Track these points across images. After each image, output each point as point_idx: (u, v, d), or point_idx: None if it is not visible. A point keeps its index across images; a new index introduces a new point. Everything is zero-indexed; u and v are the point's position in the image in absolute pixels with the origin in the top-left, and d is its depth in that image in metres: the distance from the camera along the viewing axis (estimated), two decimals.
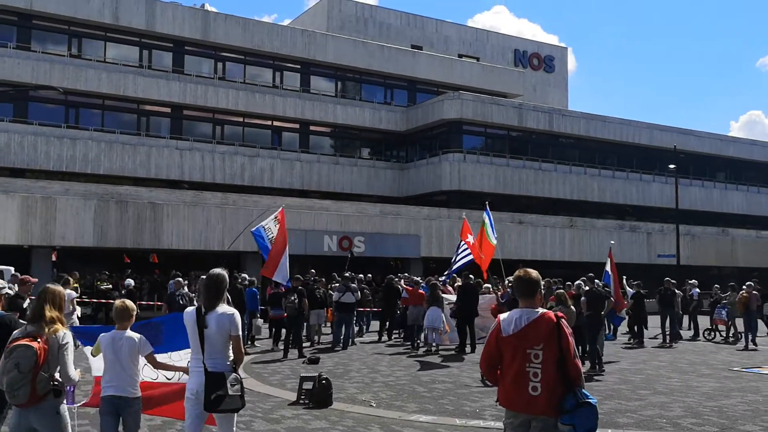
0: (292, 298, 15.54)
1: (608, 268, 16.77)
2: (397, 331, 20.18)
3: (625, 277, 20.12)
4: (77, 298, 15.98)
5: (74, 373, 5.04)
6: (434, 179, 38.40)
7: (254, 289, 18.79)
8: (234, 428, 5.53)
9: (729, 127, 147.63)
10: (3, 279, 18.04)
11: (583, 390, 4.72)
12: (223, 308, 5.45)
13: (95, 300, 23.64)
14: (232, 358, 5.44)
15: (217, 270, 5.63)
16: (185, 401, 5.48)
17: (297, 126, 38.51)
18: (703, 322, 22.42)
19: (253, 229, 13.91)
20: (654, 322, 21.09)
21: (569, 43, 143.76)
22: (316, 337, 18.46)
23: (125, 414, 5.67)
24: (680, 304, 20.90)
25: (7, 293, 6.10)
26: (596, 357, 13.76)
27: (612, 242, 21.06)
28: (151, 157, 33.49)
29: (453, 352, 16.36)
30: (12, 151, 30.57)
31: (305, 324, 17.54)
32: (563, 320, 4.80)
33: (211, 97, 35.22)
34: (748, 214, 48.30)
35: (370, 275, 25.23)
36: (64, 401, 5.08)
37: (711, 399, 10.53)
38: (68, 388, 5.19)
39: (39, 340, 4.81)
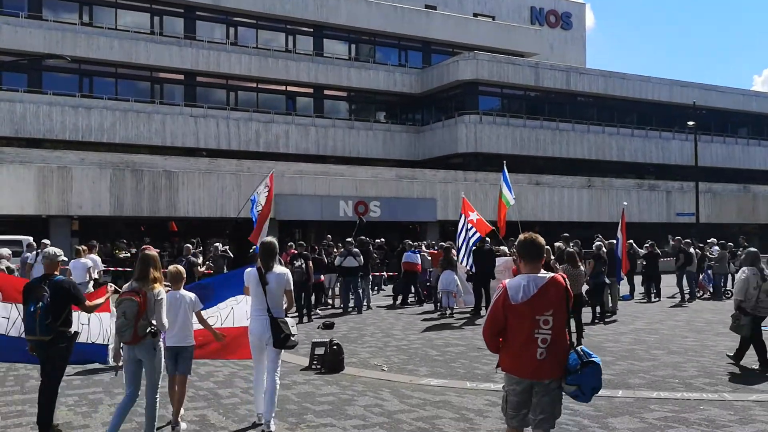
0: (297, 263, 15.70)
1: (619, 230, 16.56)
2: (412, 294, 20.23)
3: (631, 240, 19.95)
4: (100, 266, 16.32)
5: (165, 321, 6.35)
6: (450, 142, 38.11)
7: None
8: (280, 362, 6.94)
9: (752, 82, 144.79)
10: (23, 248, 18.30)
11: (584, 348, 4.74)
12: (279, 268, 6.87)
13: (113, 268, 23.84)
14: (285, 306, 6.89)
15: (270, 238, 7.23)
16: (250, 343, 6.88)
17: (311, 91, 38.27)
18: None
19: (251, 196, 13.82)
20: (670, 281, 20.99)
21: None
22: (330, 301, 18.74)
23: (181, 358, 6.88)
24: (698, 264, 20.70)
25: (63, 260, 7.01)
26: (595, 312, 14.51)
27: (625, 203, 20.79)
28: (166, 125, 33.52)
29: (468, 315, 16.35)
30: (28, 121, 30.73)
31: (323, 288, 18.02)
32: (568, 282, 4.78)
33: (223, 63, 35.04)
34: None
35: (383, 239, 25.19)
36: (160, 341, 6.31)
37: (725, 358, 10.42)
38: (161, 333, 6.36)
39: (140, 294, 6.09)
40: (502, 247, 18.24)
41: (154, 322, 6.14)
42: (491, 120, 38.33)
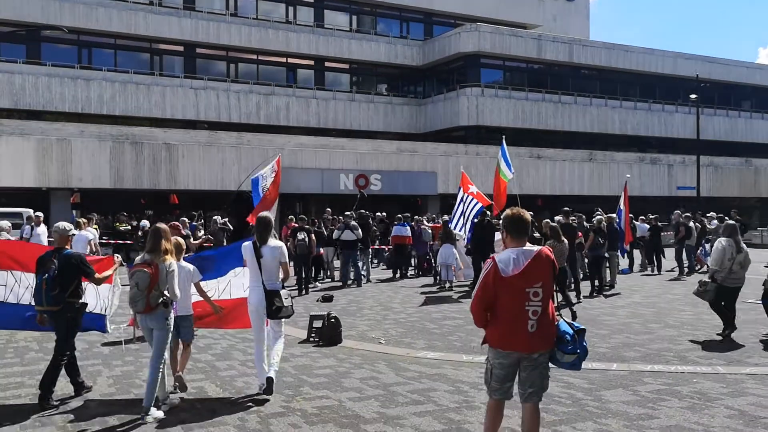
0: (301, 236, 15.76)
1: (621, 202, 16.56)
2: (413, 267, 20.34)
3: (631, 215, 19.95)
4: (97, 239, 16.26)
5: (177, 292, 6.54)
6: (452, 115, 37.94)
7: None
8: (283, 328, 7.42)
9: (757, 54, 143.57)
10: (23, 220, 18.35)
11: (567, 320, 4.90)
12: (273, 242, 7.16)
13: (113, 241, 23.92)
14: (282, 278, 7.21)
15: (265, 213, 7.71)
16: (249, 313, 7.20)
17: (312, 63, 38.04)
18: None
19: (254, 176, 13.59)
20: (668, 254, 21.06)
21: None
22: (329, 272, 18.91)
23: (182, 327, 7.13)
24: (697, 237, 20.70)
25: (73, 234, 7.32)
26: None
27: (627, 176, 20.79)
28: (166, 97, 33.37)
29: (467, 289, 16.41)
30: (27, 93, 30.62)
31: (321, 262, 18.29)
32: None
33: (223, 35, 34.80)
34: None
35: (384, 213, 25.21)
36: (171, 311, 6.57)
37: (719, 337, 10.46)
38: (174, 304, 6.65)
39: (152, 266, 6.36)
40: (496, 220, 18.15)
41: (166, 292, 6.40)
42: (493, 93, 38.13)
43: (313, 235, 16.35)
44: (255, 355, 7.22)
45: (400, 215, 20.43)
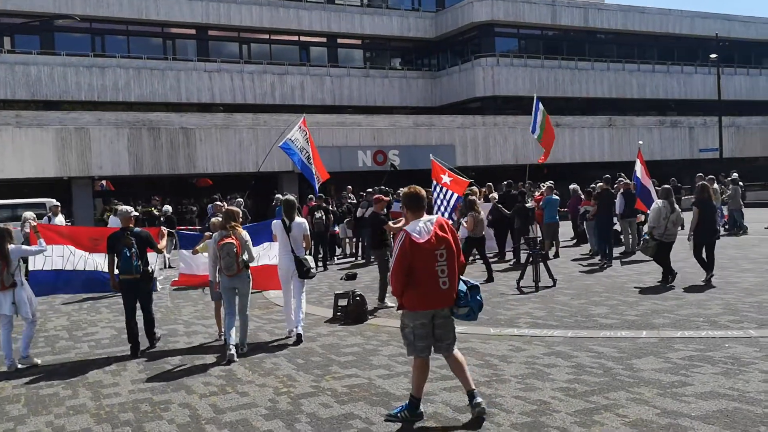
0: (318, 215, 15.88)
1: (637, 169, 16.19)
2: None
3: (654, 180, 19.68)
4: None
5: (254, 255, 8.43)
6: (467, 86, 37.60)
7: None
8: (305, 287, 9.08)
9: None
10: (46, 210, 18.51)
11: (464, 278, 5.62)
12: (298, 219, 8.95)
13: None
14: (305, 246, 8.89)
15: (290, 195, 9.56)
16: (279, 276, 9.00)
17: (324, 40, 37.81)
18: (749, 215, 22.11)
19: (281, 143, 13.19)
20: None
21: None
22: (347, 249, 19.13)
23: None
24: (719, 198, 20.40)
25: (134, 215, 9.05)
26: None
27: (640, 142, 20.38)
28: (181, 82, 33.38)
29: (494, 259, 16.31)
30: (43, 83, 30.75)
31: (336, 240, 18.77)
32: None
33: (234, 16, 34.64)
34: None
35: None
36: (249, 271, 8.26)
37: (750, 294, 10.33)
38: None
39: (233, 237, 7.98)
40: (492, 194, 17.90)
41: (245, 257, 8.06)
42: (508, 62, 37.69)
43: (330, 215, 16.57)
44: (284, 307, 9.12)
45: (398, 191, 20.42)
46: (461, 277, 5.55)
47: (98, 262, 9.33)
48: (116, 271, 8.27)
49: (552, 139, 19.01)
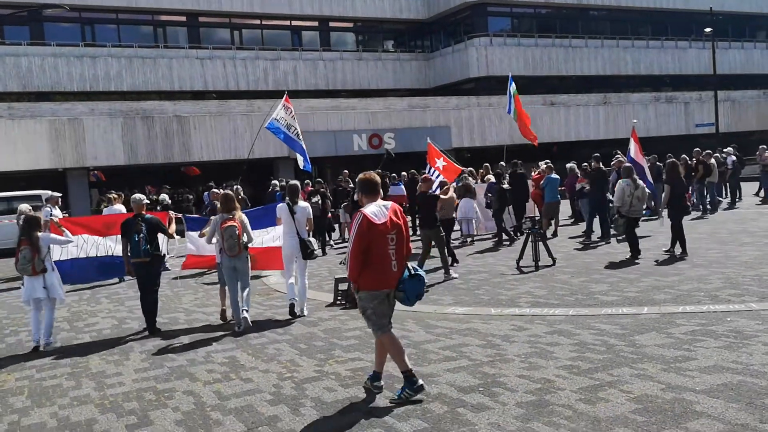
0: (315, 200, 15.86)
1: (631, 147, 16.12)
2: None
3: (655, 156, 19.71)
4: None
5: (253, 237, 9.16)
6: (461, 67, 37.43)
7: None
8: (307, 266, 9.63)
9: None
10: (42, 202, 18.44)
11: (414, 264, 5.90)
12: (302, 203, 9.48)
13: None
14: (308, 228, 9.46)
15: (293, 180, 10.32)
16: (284, 257, 9.50)
17: (316, 24, 37.57)
18: (746, 188, 22.21)
19: (267, 124, 12.97)
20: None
21: None
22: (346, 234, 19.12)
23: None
24: (717, 173, 20.41)
25: (146, 202, 9.65)
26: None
27: (634, 121, 20.34)
28: (173, 70, 33.16)
29: (491, 243, 16.34)
30: (34, 75, 30.52)
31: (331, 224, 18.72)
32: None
33: (225, 2, 34.40)
34: None
35: (404, 173, 25.03)
36: (248, 252, 8.92)
37: (751, 268, 10.35)
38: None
39: (234, 220, 8.59)
40: (488, 176, 18.03)
41: (245, 239, 8.70)
42: (502, 41, 37.51)
43: (327, 200, 16.57)
44: (286, 285, 9.55)
45: (395, 175, 20.53)
46: (415, 266, 5.86)
47: (110, 245, 10.32)
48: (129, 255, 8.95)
49: (527, 118, 19.08)
